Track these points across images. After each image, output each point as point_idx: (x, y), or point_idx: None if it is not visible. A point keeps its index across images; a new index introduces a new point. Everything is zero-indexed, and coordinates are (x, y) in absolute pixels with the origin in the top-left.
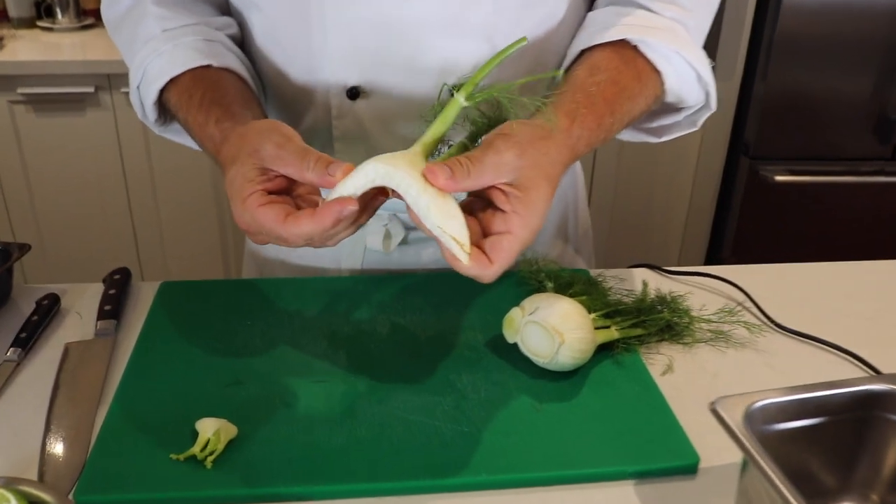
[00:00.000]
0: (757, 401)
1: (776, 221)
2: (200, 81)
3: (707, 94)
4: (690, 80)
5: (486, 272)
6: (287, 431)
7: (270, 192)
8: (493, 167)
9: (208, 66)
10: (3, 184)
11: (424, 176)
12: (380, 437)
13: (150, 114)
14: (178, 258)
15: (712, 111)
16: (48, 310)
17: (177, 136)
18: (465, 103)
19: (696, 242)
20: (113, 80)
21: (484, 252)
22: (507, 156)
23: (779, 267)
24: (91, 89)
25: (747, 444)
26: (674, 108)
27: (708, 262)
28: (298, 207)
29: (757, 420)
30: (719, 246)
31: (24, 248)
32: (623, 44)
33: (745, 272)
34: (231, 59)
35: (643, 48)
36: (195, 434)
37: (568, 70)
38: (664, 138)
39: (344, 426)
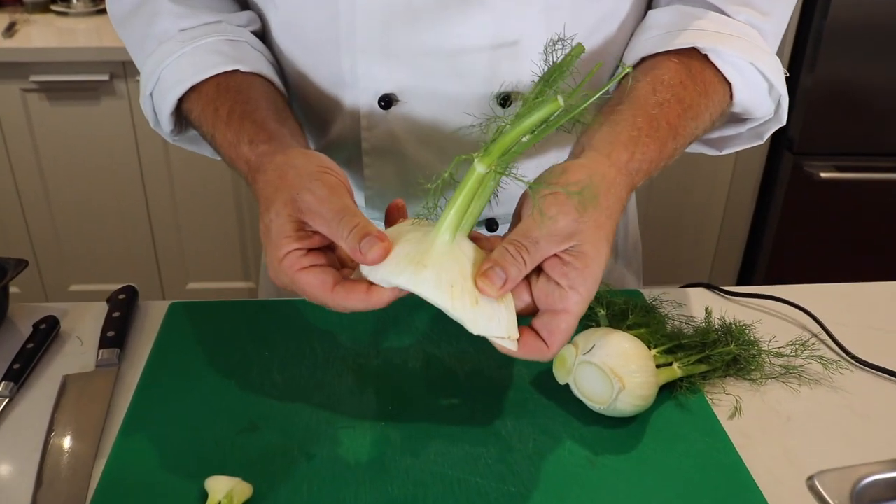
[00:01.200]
0: (864, 476)
1: (820, 221)
2: (227, 91)
3: (778, 106)
4: (762, 92)
5: (545, 356)
6: (308, 490)
7: (311, 249)
8: (549, 240)
9: (235, 72)
10: (15, 173)
11: (475, 281)
12: (414, 498)
13: (166, 124)
14: (196, 252)
15: (781, 125)
16: (46, 335)
17: (193, 145)
18: (483, 170)
19: (733, 242)
20: (129, 67)
21: (539, 334)
22: (564, 222)
23: (848, 287)
24: (106, 77)
25: None
26: (738, 119)
27: (745, 262)
28: (341, 264)
29: (864, 499)
30: (758, 246)
31: (20, 265)
32: (691, 52)
33: (812, 292)
34: (260, 63)
35: (714, 58)
36: (204, 494)
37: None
38: (725, 151)
39: (374, 484)
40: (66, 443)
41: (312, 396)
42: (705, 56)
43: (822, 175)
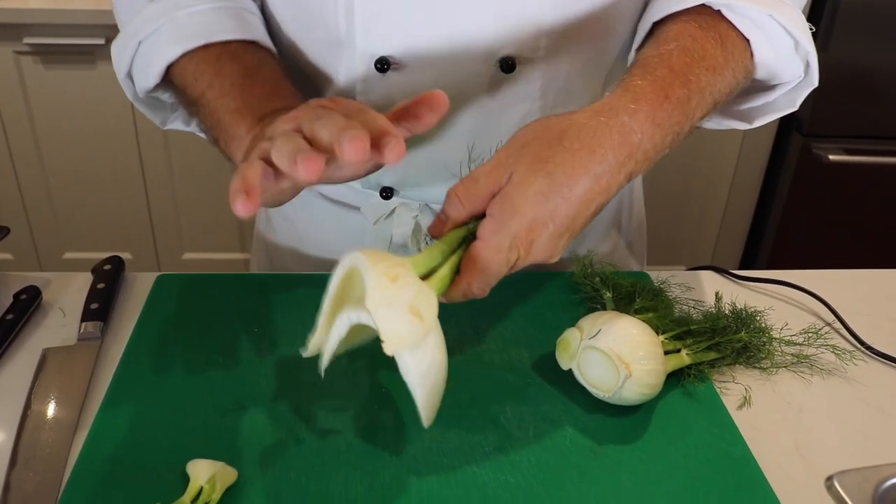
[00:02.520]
0: (887, 478)
1: (827, 205)
2: (256, 54)
3: (807, 66)
4: (787, 50)
5: (460, 289)
6: (296, 476)
7: None
8: (486, 175)
9: (254, 43)
10: (9, 139)
11: None
12: (407, 486)
13: (154, 77)
14: (192, 221)
15: (814, 87)
16: (26, 306)
17: (151, 110)
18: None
19: (737, 223)
20: None
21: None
22: (498, 156)
23: (863, 273)
24: (102, 41)
25: None
26: (766, 86)
27: (749, 245)
28: None
29: (886, 502)
30: (763, 228)
31: (2, 233)
32: (703, 10)
33: (825, 278)
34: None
35: (727, 13)
36: (186, 478)
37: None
38: (756, 123)
39: (365, 471)
40: (44, 420)
41: (303, 377)
42: (719, 13)
43: (831, 158)
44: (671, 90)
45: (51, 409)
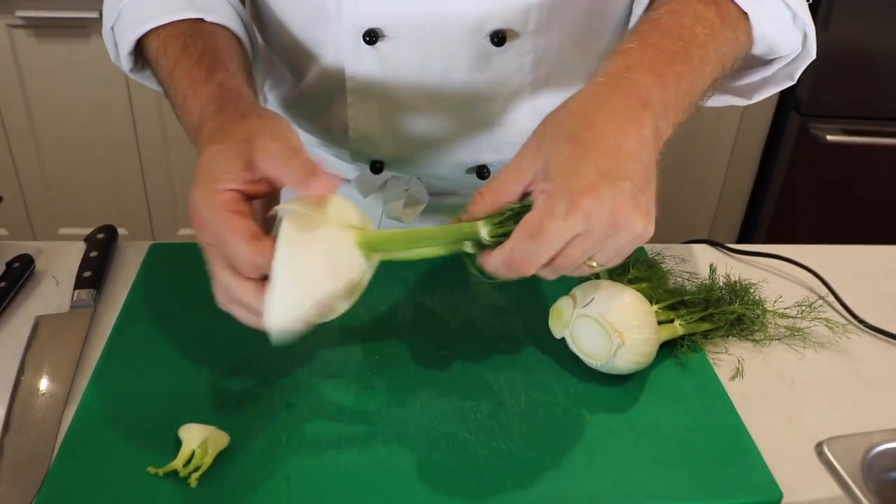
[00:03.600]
0: (876, 444)
1: (825, 185)
2: (199, 34)
3: (805, 38)
4: (785, 22)
5: (495, 258)
6: (287, 442)
7: (248, 197)
8: (515, 174)
9: (200, 21)
10: (2, 113)
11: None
12: (399, 453)
13: (125, 63)
14: (187, 195)
15: (812, 59)
16: (19, 274)
17: (153, 83)
18: (488, 240)
19: (735, 201)
20: None
21: None
22: (525, 150)
23: (857, 249)
24: (95, 14)
25: None
26: (764, 61)
27: (746, 222)
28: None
29: (875, 469)
30: (760, 206)
31: None
32: None
33: (819, 253)
34: (227, 15)
35: None
36: (179, 442)
37: None
38: (755, 98)
39: (356, 436)
40: (37, 386)
41: (295, 344)
42: None
43: (829, 138)
44: (662, 43)
45: (43, 376)
